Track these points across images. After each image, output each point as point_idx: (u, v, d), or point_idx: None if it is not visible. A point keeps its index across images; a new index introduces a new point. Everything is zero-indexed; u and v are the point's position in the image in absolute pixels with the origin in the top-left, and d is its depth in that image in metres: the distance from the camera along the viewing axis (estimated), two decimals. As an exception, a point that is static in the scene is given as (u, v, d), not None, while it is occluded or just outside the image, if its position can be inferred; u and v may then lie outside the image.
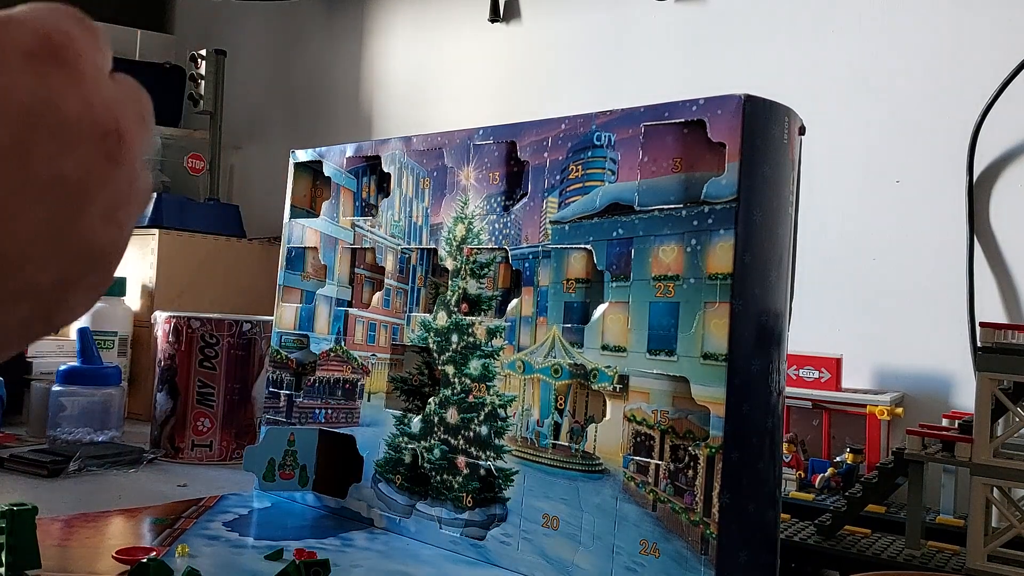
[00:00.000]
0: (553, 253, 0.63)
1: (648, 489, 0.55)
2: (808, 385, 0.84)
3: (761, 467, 0.53)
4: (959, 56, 0.87)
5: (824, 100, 0.95)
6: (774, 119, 0.54)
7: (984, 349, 0.55)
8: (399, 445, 0.71)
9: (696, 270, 0.54)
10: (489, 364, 0.65)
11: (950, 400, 0.86)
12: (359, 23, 1.46)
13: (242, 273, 1.33)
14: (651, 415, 0.56)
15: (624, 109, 0.59)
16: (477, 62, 1.28)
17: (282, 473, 0.76)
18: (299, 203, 0.85)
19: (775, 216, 0.54)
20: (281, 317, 0.83)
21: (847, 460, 0.79)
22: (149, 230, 1.26)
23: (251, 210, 1.48)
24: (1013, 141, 0.85)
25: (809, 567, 0.62)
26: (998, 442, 0.55)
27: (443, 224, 0.71)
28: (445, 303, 0.69)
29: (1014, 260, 0.84)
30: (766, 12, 1.00)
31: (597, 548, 0.56)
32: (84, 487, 0.81)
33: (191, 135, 1.49)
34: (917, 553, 0.60)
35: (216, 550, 0.62)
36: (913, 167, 0.90)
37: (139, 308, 1.23)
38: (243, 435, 0.97)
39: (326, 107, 1.51)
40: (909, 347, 0.89)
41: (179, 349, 0.96)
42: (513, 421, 0.63)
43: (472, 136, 0.69)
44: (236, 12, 1.65)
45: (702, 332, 0.53)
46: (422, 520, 0.68)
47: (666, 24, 1.08)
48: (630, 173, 0.58)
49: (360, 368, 0.76)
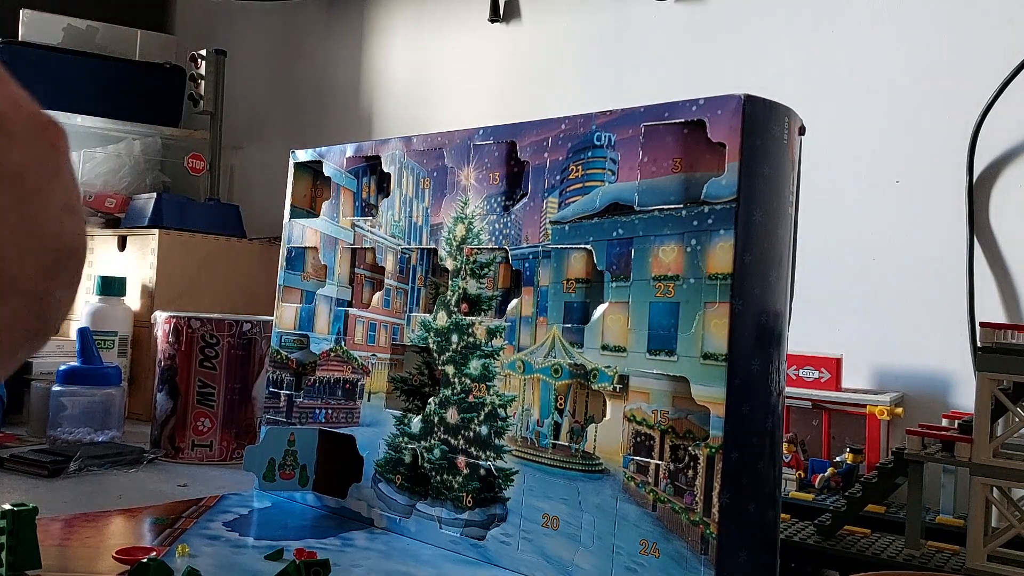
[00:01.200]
0: (553, 253, 0.63)
1: (648, 489, 0.55)
2: (808, 385, 0.84)
3: (761, 467, 0.53)
4: (959, 56, 0.87)
5: (824, 100, 0.95)
6: (774, 119, 0.54)
7: (984, 349, 0.55)
8: (399, 445, 0.71)
9: (696, 270, 0.54)
10: (489, 364, 0.65)
11: (950, 400, 0.86)
12: (359, 23, 1.46)
13: (242, 273, 1.33)
14: (651, 415, 0.56)
15: (624, 109, 0.59)
16: (477, 62, 1.28)
17: (282, 473, 0.76)
18: (299, 203, 0.85)
19: (775, 216, 0.54)
20: (281, 317, 0.83)
21: (847, 460, 0.79)
22: (149, 230, 1.26)
23: (251, 210, 1.48)
24: (1013, 141, 0.85)
25: (809, 567, 0.62)
26: (998, 442, 0.55)
27: (443, 224, 0.71)
28: (445, 303, 0.69)
29: (1014, 260, 0.84)
30: (766, 12, 1.00)
31: (597, 548, 0.56)
32: (84, 487, 0.81)
33: (191, 135, 1.49)
34: (917, 553, 0.60)
35: (216, 550, 0.62)
36: (913, 167, 0.90)
37: (139, 308, 1.23)
38: (243, 435, 0.97)
39: (326, 107, 1.51)
40: (909, 347, 0.89)
41: (179, 349, 0.96)
42: (513, 421, 0.63)
43: (472, 136, 0.69)
44: (236, 12, 1.65)
45: (702, 332, 0.53)
46: (422, 520, 0.68)
47: (666, 24, 1.08)
48: (630, 173, 0.58)
49: (360, 368, 0.76)
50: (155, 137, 1.44)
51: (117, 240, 1.31)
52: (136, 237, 1.28)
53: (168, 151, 1.46)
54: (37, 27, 1.49)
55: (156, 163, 1.44)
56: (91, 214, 1.35)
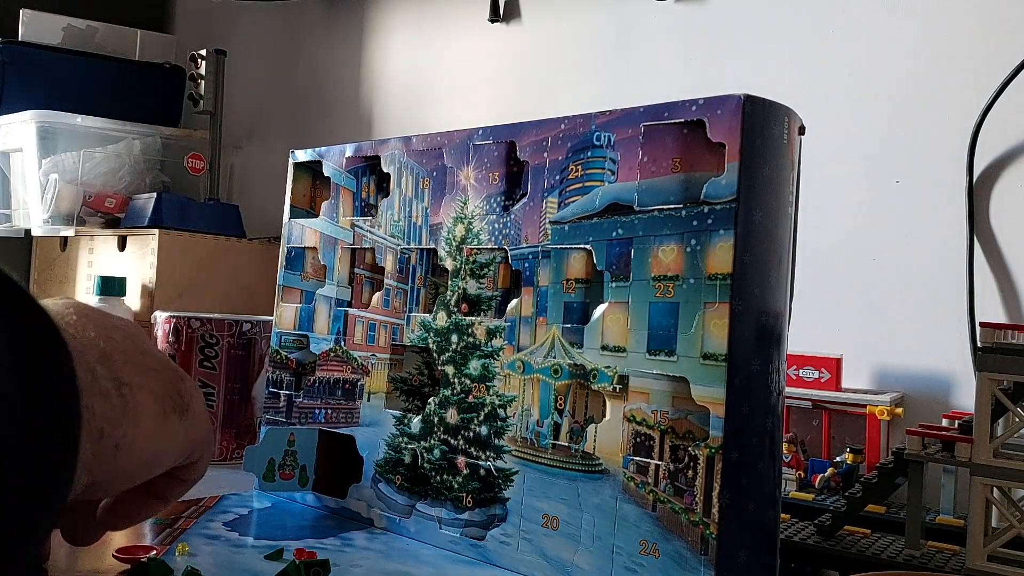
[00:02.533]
0: (553, 253, 0.63)
1: (648, 489, 0.55)
2: (808, 385, 0.84)
3: (761, 467, 0.53)
4: (959, 56, 0.87)
5: (824, 100, 0.95)
6: (774, 119, 0.54)
7: (984, 349, 0.55)
8: (399, 445, 0.71)
9: (696, 270, 0.54)
10: (489, 364, 0.65)
11: (950, 400, 0.86)
12: (359, 23, 1.46)
13: (242, 273, 1.33)
14: (651, 415, 0.56)
15: (624, 109, 0.59)
16: (477, 62, 1.28)
17: (282, 473, 0.76)
18: (299, 203, 0.85)
19: (775, 216, 0.54)
20: (281, 317, 0.83)
21: (847, 460, 0.79)
22: (149, 230, 1.26)
23: (251, 210, 1.48)
24: (1013, 141, 0.85)
25: (809, 567, 0.62)
26: (998, 442, 0.55)
27: (443, 224, 0.71)
28: (445, 303, 0.69)
29: (1014, 260, 0.84)
30: (766, 12, 1.00)
31: (597, 548, 0.56)
32: (84, 487, 0.81)
33: (191, 135, 1.49)
34: (917, 553, 0.60)
35: (216, 550, 0.62)
36: (913, 167, 0.90)
37: (139, 308, 1.23)
38: (243, 435, 0.97)
39: (326, 107, 1.51)
40: (909, 347, 0.89)
41: (179, 349, 0.96)
42: (513, 421, 0.63)
43: (472, 136, 0.69)
44: (236, 12, 1.65)
45: (702, 332, 0.53)
46: (422, 520, 0.68)
47: (666, 24, 1.08)
48: (630, 173, 0.58)
49: (360, 368, 0.76)
50: (155, 137, 1.44)
51: (117, 240, 1.31)
52: (136, 237, 1.28)
53: (168, 151, 1.46)
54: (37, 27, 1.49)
55: (156, 163, 1.44)
56: (91, 214, 1.35)
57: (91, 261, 1.36)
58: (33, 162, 1.33)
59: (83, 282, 1.37)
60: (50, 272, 1.44)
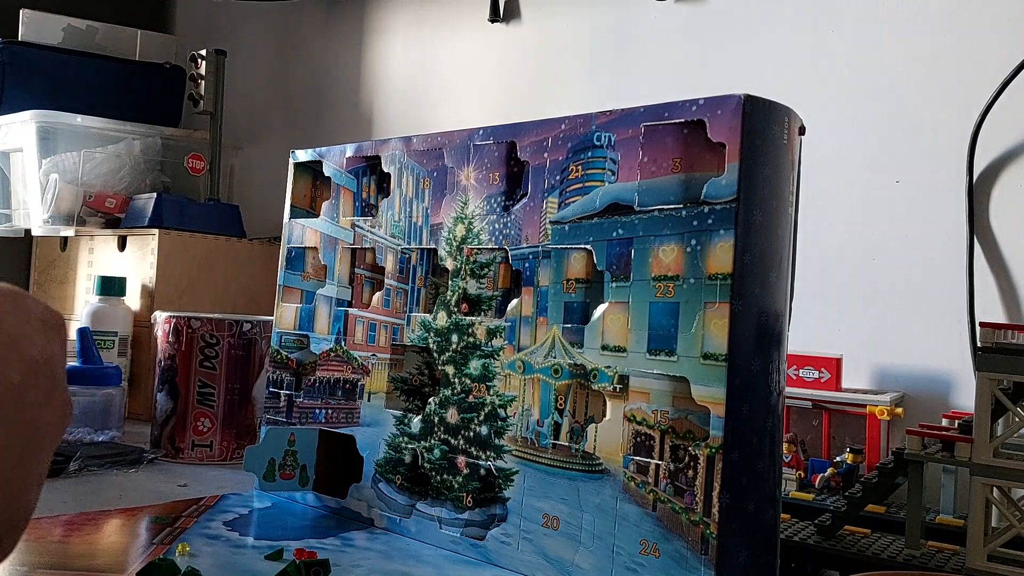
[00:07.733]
0: (553, 253, 0.63)
1: (648, 489, 0.55)
2: (808, 385, 0.84)
3: (761, 467, 0.53)
4: (959, 56, 0.87)
5: (824, 100, 0.95)
6: (774, 119, 0.54)
7: (984, 349, 0.55)
8: (399, 445, 0.71)
9: (696, 270, 0.54)
10: (489, 364, 0.65)
11: (950, 400, 0.86)
12: (359, 23, 1.46)
13: (242, 273, 1.33)
14: (651, 415, 0.56)
15: (624, 109, 0.59)
16: (477, 62, 1.28)
17: (282, 473, 0.76)
18: (299, 203, 0.85)
19: (775, 216, 0.54)
20: (281, 317, 0.83)
21: (847, 460, 0.79)
22: (149, 230, 1.26)
23: (251, 210, 1.48)
24: (1013, 141, 0.85)
25: (809, 567, 0.62)
26: (998, 442, 0.55)
27: (443, 224, 0.71)
28: (445, 303, 0.69)
29: (1014, 260, 0.84)
30: (766, 12, 1.00)
31: (597, 548, 0.56)
32: (84, 487, 0.81)
33: (191, 135, 1.49)
34: (917, 553, 0.60)
35: (216, 549, 0.62)
36: (913, 167, 0.90)
37: (139, 308, 1.23)
38: (243, 435, 0.97)
39: (326, 107, 1.51)
40: (909, 347, 0.89)
41: (179, 349, 0.96)
42: (513, 421, 0.63)
43: (472, 136, 0.69)
44: (236, 12, 1.65)
45: (702, 332, 0.53)
46: (422, 520, 0.68)
47: (666, 24, 1.08)
48: (630, 173, 0.58)
49: (360, 368, 0.76)
50: (155, 137, 1.43)
51: (117, 240, 1.31)
52: (136, 237, 1.28)
53: (168, 151, 1.46)
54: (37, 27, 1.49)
55: (156, 163, 1.44)
56: (91, 214, 1.35)
57: (91, 261, 1.36)
58: (33, 162, 1.33)
59: (83, 282, 1.37)
60: (50, 272, 1.44)
